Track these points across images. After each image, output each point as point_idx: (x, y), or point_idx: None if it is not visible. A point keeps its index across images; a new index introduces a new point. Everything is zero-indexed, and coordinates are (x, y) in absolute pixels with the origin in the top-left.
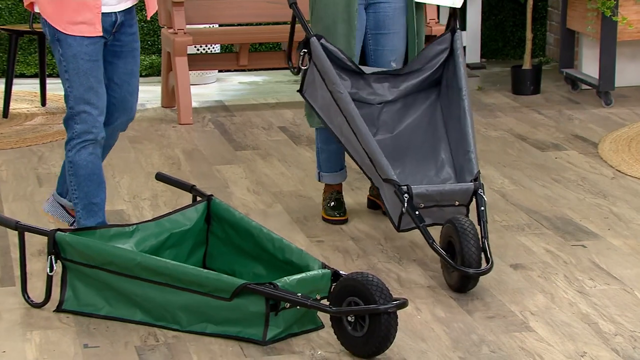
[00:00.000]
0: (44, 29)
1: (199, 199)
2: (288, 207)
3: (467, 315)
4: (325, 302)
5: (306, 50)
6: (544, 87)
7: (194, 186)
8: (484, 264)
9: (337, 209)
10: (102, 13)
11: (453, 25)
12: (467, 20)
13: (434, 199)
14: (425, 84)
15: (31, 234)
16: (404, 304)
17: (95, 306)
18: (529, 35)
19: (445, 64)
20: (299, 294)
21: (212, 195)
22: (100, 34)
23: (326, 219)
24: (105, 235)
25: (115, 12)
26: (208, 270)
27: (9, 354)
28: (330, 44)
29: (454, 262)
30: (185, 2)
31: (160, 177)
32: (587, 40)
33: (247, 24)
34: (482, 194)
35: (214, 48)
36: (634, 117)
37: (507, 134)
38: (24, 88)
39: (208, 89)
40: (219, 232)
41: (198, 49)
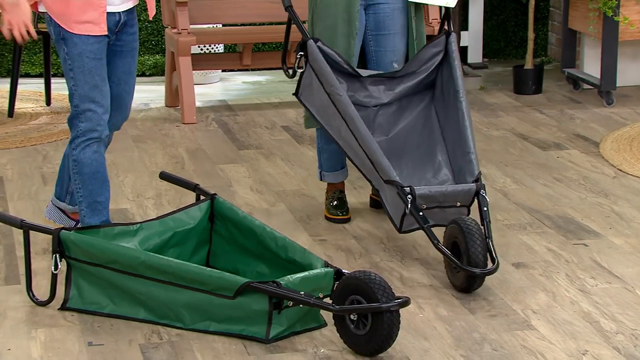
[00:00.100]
0: (48, 28)
1: (202, 197)
2: (291, 206)
3: (469, 313)
4: (328, 300)
5: (303, 53)
6: (545, 87)
7: (197, 185)
8: (489, 264)
9: (340, 207)
10: (107, 13)
11: (447, 27)
12: (469, 20)
13: (436, 199)
14: (420, 86)
15: (36, 233)
16: (406, 302)
17: (100, 304)
18: (530, 35)
19: (439, 66)
20: (302, 292)
21: (215, 194)
22: (106, 33)
23: (329, 218)
24: (109, 234)
25: (119, 12)
26: (211, 269)
27: (14, 352)
28: (328, 46)
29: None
30: (189, 2)
31: (164, 176)
32: (589, 40)
33: (251, 24)
34: (484, 194)
35: (217, 48)
36: (635, 116)
37: (509, 134)
38: (29, 88)
39: (212, 88)
40: (222, 231)
41: (202, 49)
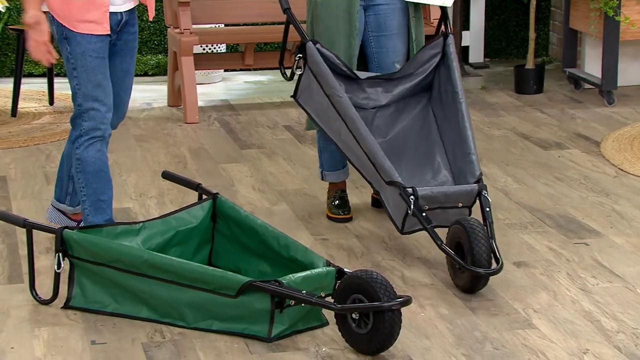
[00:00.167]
0: (51, 28)
1: (204, 197)
2: (293, 205)
3: (471, 312)
4: (329, 299)
5: (301, 55)
6: (546, 87)
7: (199, 184)
8: (493, 264)
9: (342, 207)
10: (110, 12)
11: (445, 29)
12: (471, 19)
13: (438, 200)
14: (417, 88)
15: (39, 232)
16: (407, 301)
17: (102, 303)
18: (532, 34)
19: (437, 68)
20: (304, 291)
21: (217, 193)
22: (109, 33)
23: (331, 217)
24: (112, 233)
25: (121, 12)
26: (214, 268)
27: (17, 350)
28: (326, 48)
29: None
30: (192, 2)
31: (166, 176)
32: (590, 40)
33: (253, 24)
34: (486, 195)
35: (219, 48)
36: (636, 116)
37: (510, 133)
38: (32, 87)
39: (214, 88)
40: (224, 230)
41: (204, 49)
